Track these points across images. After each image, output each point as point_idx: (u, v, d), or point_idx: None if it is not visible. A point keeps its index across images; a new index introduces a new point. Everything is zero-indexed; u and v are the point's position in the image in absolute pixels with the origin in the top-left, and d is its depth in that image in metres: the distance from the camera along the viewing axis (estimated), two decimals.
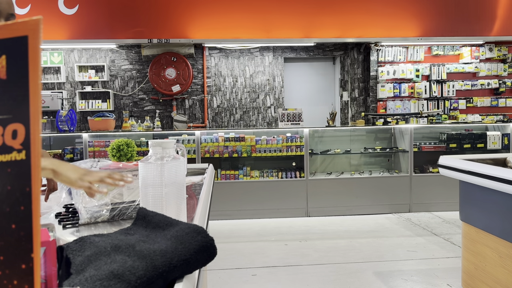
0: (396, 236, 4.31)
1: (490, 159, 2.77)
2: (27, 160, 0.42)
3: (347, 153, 5.51)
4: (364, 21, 5.84)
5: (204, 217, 1.27)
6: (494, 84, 6.51)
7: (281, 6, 5.73)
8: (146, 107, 6.35)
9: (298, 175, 5.15)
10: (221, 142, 5.13)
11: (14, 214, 0.42)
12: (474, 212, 2.66)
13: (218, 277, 3.30)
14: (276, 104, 6.51)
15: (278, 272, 3.39)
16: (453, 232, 4.37)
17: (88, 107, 6.14)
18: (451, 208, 5.19)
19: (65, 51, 6.18)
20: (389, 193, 5.26)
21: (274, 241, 4.22)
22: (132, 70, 6.31)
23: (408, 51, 6.39)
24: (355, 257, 3.69)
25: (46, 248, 0.63)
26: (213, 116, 6.44)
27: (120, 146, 1.88)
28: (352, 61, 6.57)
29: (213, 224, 4.81)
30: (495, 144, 5.44)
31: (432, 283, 3.12)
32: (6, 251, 0.42)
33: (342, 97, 6.63)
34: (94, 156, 4.98)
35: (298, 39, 5.86)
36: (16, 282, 0.42)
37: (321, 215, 5.15)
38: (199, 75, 6.38)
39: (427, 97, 6.48)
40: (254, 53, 6.43)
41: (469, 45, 6.44)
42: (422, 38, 5.96)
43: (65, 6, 5.51)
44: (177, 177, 1.04)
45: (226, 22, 5.70)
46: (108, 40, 5.64)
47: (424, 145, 5.47)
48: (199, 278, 0.87)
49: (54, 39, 5.52)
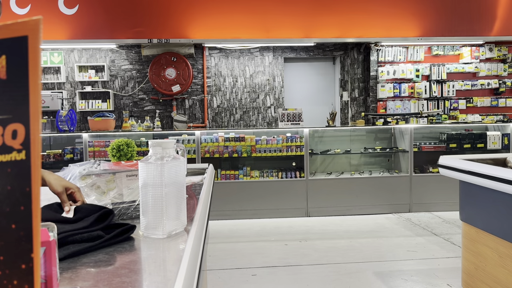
0: (396, 236, 4.31)
1: (490, 159, 2.77)
2: (27, 160, 0.42)
3: (347, 153, 5.51)
4: (364, 21, 5.84)
5: (204, 217, 1.27)
6: (494, 84, 6.51)
7: (281, 6, 5.73)
8: (146, 107, 6.35)
9: (298, 175, 5.15)
10: (221, 142, 5.13)
11: (14, 214, 0.42)
12: (474, 212, 2.66)
13: (218, 277, 3.30)
14: (276, 104, 6.51)
15: (278, 272, 3.39)
16: (453, 232, 4.37)
17: (88, 107, 6.14)
18: (451, 208, 5.19)
19: (65, 51, 6.18)
20: (389, 193, 5.26)
21: (274, 241, 4.22)
22: (132, 70, 6.31)
23: (408, 51, 6.39)
24: (355, 257, 3.69)
25: (46, 248, 0.63)
26: (213, 116, 6.45)
27: (120, 146, 1.88)
28: (352, 61, 6.58)
29: (213, 224, 4.82)
30: (495, 144, 5.44)
31: (432, 283, 3.12)
32: (6, 251, 0.42)
33: (342, 97, 6.63)
34: (94, 157, 4.98)
35: (298, 39, 5.86)
36: (16, 282, 0.42)
37: (321, 215, 5.15)
38: (199, 75, 6.39)
39: (427, 97, 6.48)
40: (254, 53, 6.43)
41: (469, 45, 6.45)
42: (422, 38, 5.96)
43: (65, 6, 5.51)
44: (177, 177, 1.04)
45: (226, 22, 5.70)
46: (108, 40, 5.64)
47: (424, 145, 5.47)
48: (199, 278, 0.87)
49: (54, 39, 5.52)
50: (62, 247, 0.89)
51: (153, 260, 0.93)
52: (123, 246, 0.98)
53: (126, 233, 1.02)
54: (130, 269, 0.83)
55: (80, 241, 0.94)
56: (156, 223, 1.01)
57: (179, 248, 0.96)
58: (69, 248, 0.90)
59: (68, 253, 0.88)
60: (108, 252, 0.93)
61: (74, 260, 0.87)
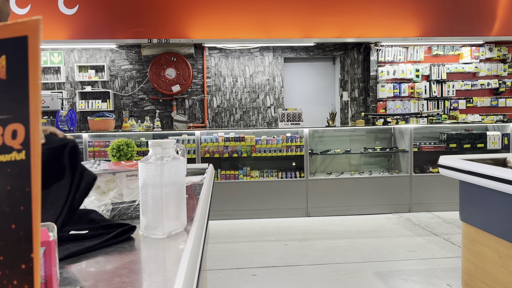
0: (396, 236, 4.31)
1: (490, 159, 2.77)
2: (27, 160, 0.42)
3: (347, 153, 5.51)
4: (364, 21, 5.84)
5: (204, 217, 1.27)
6: (494, 84, 6.51)
7: (281, 6, 5.73)
8: (146, 107, 6.35)
9: (298, 175, 5.15)
10: (221, 142, 5.13)
11: (14, 214, 0.42)
12: (474, 212, 2.67)
13: (218, 277, 3.30)
14: (276, 104, 6.51)
15: (278, 272, 3.39)
16: (453, 232, 4.37)
17: (88, 107, 6.14)
18: (451, 208, 5.19)
19: (65, 51, 6.18)
20: (389, 193, 5.26)
21: (274, 241, 4.22)
22: (132, 70, 6.31)
23: (408, 51, 6.39)
24: (355, 257, 3.69)
25: (46, 248, 0.63)
26: (213, 116, 6.45)
27: (120, 146, 1.89)
28: (352, 61, 6.58)
29: (213, 224, 4.82)
30: (495, 144, 5.44)
31: (432, 283, 3.12)
32: (6, 251, 0.42)
33: (342, 97, 6.63)
34: (94, 156, 4.98)
35: (298, 39, 5.86)
36: (16, 282, 0.42)
37: (321, 215, 5.15)
38: (199, 75, 6.39)
39: (427, 97, 6.48)
40: (254, 53, 6.43)
41: (469, 45, 6.45)
42: (422, 38, 5.96)
43: (65, 6, 5.51)
44: (177, 177, 1.04)
45: (226, 22, 5.70)
46: (108, 40, 5.64)
47: (424, 145, 5.47)
48: (199, 278, 0.87)
49: (54, 39, 5.52)
50: (61, 245, 0.89)
51: (153, 260, 0.93)
52: (123, 246, 0.98)
53: (126, 234, 1.02)
54: (130, 269, 0.83)
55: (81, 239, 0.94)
56: (156, 223, 1.01)
57: (179, 248, 0.96)
58: (69, 248, 0.90)
59: (68, 253, 0.88)
60: (108, 252, 0.93)
61: (74, 260, 0.87)
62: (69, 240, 0.95)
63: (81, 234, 0.97)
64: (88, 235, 0.98)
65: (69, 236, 0.97)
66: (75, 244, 0.92)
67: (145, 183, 1.02)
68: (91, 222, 1.06)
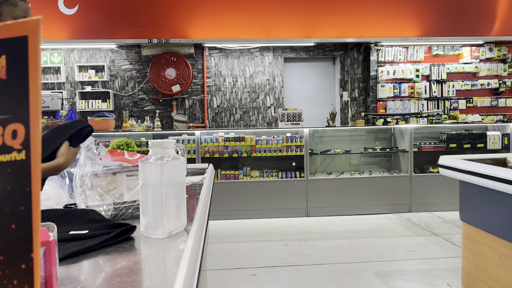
0: (396, 236, 4.31)
1: (490, 159, 2.77)
2: (27, 160, 0.42)
3: (347, 153, 5.52)
4: (364, 21, 5.84)
5: (204, 217, 1.27)
6: (494, 84, 6.51)
7: (281, 6, 5.73)
8: (146, 107, 6.35)
9: (298, 175, 5.15)
10: (221, 142, 5.13)
11: (14, 214, 0.42)
12: (474, 212, 2.66)
13: (218, 277, 3.30)
14: (276, 104, 6.51)
15: (278, 272, 3.39)
16: (453, 232, 4.37)
17: (88, 107, 6.14)
18: (451, 208, 5.19)
19: (65, 51, 6.18)
20: (389, 193, 5.26)
21: (274, 241, 4.22)
22: (132, 70, 6.31)
23: (408, 51, 6.39)
24: (355, 257, 3.69)
25: (46, 248, 0.63)
26: (213, 116, 6.45)
27: (120, 146, 1.89)
28: (352, 61, 6.58)
29: (213, 224, 4.82)
30: (495, 144, 5.44)
31: (432, 283, 3.12)
32: (6, 251, 0.42)
33: (342, 97, 6.63)
34: None
35: (298, 39, 5.86)
36: (16, 282, 0.42)
37: (321, 215, 5.15)
38: (199, 75, 6.39)
39: (427, 97, 6.48)
40: (254, 53, 6.43)
41: (469, 45, 6.44)
42: (422, 38, 5.96)
43: (65, 6, 5.51)
44: (177, 177, 1.04)
45: (226, 22, 5.70)
46: (108, 40, 5.64)
47: (424, 145, 5.47)
48: (199, 278, 0.87)
49: (54, 39, 5.52)
50: (61, 244, 0.89)
51: (153, 260, 0.93)
52: (123, 246, 0.98)
53: (126, 234, 1.02)
54: (130, 269, 0.83)
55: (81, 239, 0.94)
56: (156, 223, 1.01)
57: (179, 248, 0.96)
58: (69, 248, 0.90)
59: (68, 253, 0.88)
60: (108, 252, 0.93)
61: (74, 260, 0.87)
62: (69, 240, 0.95)
63: (81, 234, 0.98)
64: (88, 235, 0.98)
65: (69, 236, 0.97)
66: (75, 244, 0.92)
67: (145, 183, 1.02)
68: (91, 222, 1.06)
